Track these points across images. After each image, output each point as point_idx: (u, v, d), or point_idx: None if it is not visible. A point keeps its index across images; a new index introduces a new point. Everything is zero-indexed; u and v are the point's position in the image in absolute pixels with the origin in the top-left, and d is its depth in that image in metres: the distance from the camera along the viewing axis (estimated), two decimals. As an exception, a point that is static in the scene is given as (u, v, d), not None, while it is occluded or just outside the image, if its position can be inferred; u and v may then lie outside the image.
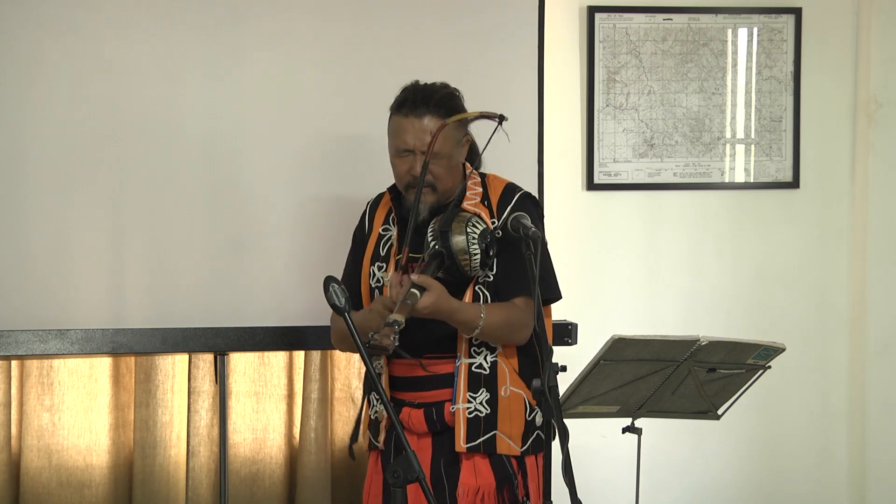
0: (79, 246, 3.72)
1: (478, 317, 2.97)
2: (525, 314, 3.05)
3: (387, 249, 3.18)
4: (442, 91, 3.11)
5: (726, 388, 3.40)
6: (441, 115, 3.04)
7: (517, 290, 3.07)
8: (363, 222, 3.29)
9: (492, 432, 3.06)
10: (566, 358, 3.14)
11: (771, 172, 4.52)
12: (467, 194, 3.13)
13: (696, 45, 4.44)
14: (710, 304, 4.52)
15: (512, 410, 3.09)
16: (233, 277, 3.80)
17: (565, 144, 4.37)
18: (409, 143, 3.04)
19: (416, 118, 3.04)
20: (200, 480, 4.09)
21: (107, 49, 3.72)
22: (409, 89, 3.11)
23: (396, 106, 3.10)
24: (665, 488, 4.49)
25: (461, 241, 2.98)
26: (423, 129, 3.03)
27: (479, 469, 3.08)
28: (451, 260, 2.98)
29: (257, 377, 4.15)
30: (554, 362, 2.83)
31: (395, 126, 3.09)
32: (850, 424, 4.62)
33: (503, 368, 3.09)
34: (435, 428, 3.10)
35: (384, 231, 3.21)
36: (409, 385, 3.12)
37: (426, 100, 3.05)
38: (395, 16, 3.91)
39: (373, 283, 3.18)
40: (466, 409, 3.06)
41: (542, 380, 2.77)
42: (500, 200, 3.14)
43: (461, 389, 3.06)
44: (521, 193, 3.16)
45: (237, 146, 3.81)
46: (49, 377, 4.02)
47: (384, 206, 3.25)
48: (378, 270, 3.17)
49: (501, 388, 3.08)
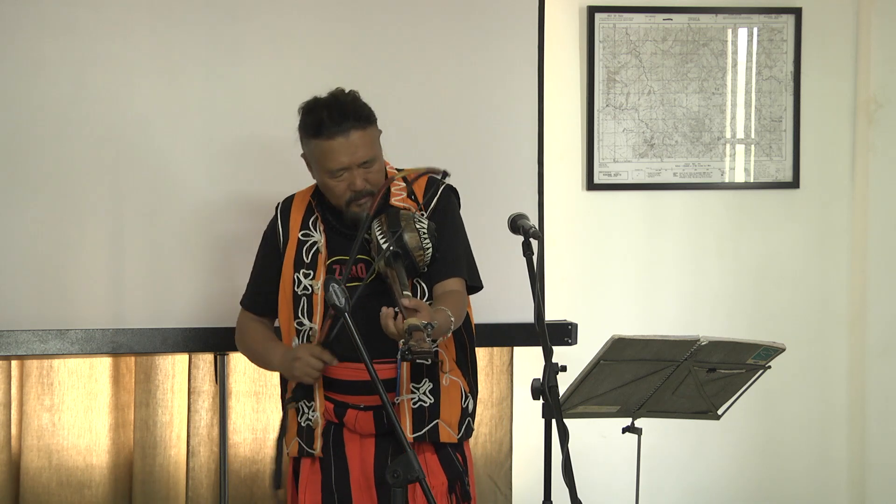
0: (79, 246, 3.72)
1: (448, 320, 2.96)
2: (464, 295, 3.11)
3: (312, 255, 3.14)
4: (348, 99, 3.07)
5: (726, 388, 3.40)
6: (362, 124, 3.03)
7: (448, 273, 3.10)
8: (275, 226, 3.23)
9: (434, 421, 3.09)
10: (566, 358, 3.14)
11: (771, 172, 4.52)
12: (392, 190, 3.13)
13: (696, 45, 4.44)
14: (710, 304, 4.52)
15: (451, 398, 3.12)
16: (233, 277, 3.79)
17: (565, 144, 4.37)
18: (344, 163, 3.03)
19: (344, 137, 3.01)
20: (200, 480, 4.09)
21: (106, 48, 3.73)
22: (317, 109, 3.05)
23: (314, 131, 3.04)
24: (665, 488, 4.49)
25: (414, 238, 3.00)
26: (353, 145, 3.02)
27: (431, 468, 3.10)
28: (407, 258, 2.99)
29: (257, 377, 4.15)
30: (554, 362, 2.84)
31: (321, 150, 3.04)
32: (850, 424, 4.62)
33: (443, 357, 3.12)
34: (383, 429, 3.10)
35: (304, 237, 3.17)
36: (352, 389, 3.09)
37: (344, 115, 3.02)
38: (396, 17, 3.91)
39: (299, 291, 3.13)
40: (411, 400, 3.08)
41: (542, 380, 2.78)
42: (426, 193, 3.15)
43: (404, 380, 3.07)
44: (444, 186, 3.18)
45: (237, 146, 3.81)
46: (49, 377, 4.02)
47: (299, 210, 3.21)
48: (305, 278, 3.13)
49: (442, 377, 3.11)
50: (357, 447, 3.11)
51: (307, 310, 3.12)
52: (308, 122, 3.06)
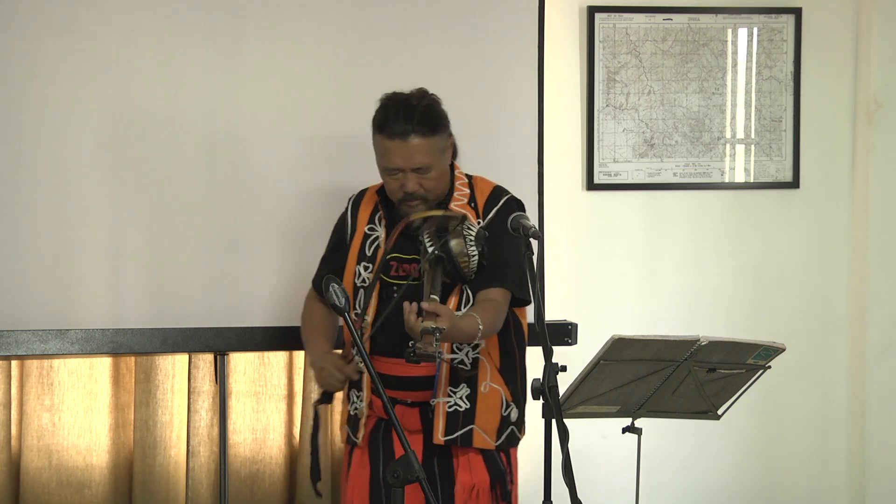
0: (79, 246, 3.72)
1: (476, 327, 3.00)
2: (504, 306, 3.13)
3: (373, 250, 3.22)
4: (421, 104, 3.12)
5: (726, 388, 3.40)
6: (425, 131, 3.08)
7: (492, 281, 3.12)
8: (345, 218, 3.33)
9: (469, 427, 3.12)
10: (566, 358, 3.14)
11: (771, 172, 4.52)
12: (455, 195, 3.20)
13: (696, 45, 4.44)
14: (710, 304, 4.52)
15: (489, 405, 3.15)
16: (233, 277, 3.80)
17: (565, 144, 4.37)
18: (398, 164, 3.10)
19: (402, 140, 3.08)
20: (200, 480, 4.09)
21: (107, 48, 3.72)
22: (389, 106, 3.13)
23: (379, 126, 3.13)
24: (665, 488, 4.49)
25: (459, 244, 3.04)
26: (410, 150, 3.08)
27: (474, 466, 3.15)
28: (451, 264, 3.03)
29: (257, 377, 4.16)
30: (554, 362, 2.84)
31: (381, 147, 3.13)
32: (850, 424, 4.62)
33: (484, 364, 3.16)
34: (429, 426, 3.15)
35: (370, 231, 3.25)
36: (399, 384, 3.15)
37: (408, 118, 3.08)
38: (395, 16, 3.91)
39: (357, 282, 3.22)
40: (446, 404, 3.12)
41: (542, 380, 2.78)
42: (487, 202, 3.21)
43: (442, 384, 3.12)
44: (507, 196, 3.23)
45: (237, 145, 3.81)
46: (49, 377, 4.02)
47: (368, 204, 3.30)
48: (364, 270, 3.22)
49: (482, 383, 3.14)
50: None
51: (364, 301, 3.19)
52: (377, 116, 3.15)
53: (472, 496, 3.14)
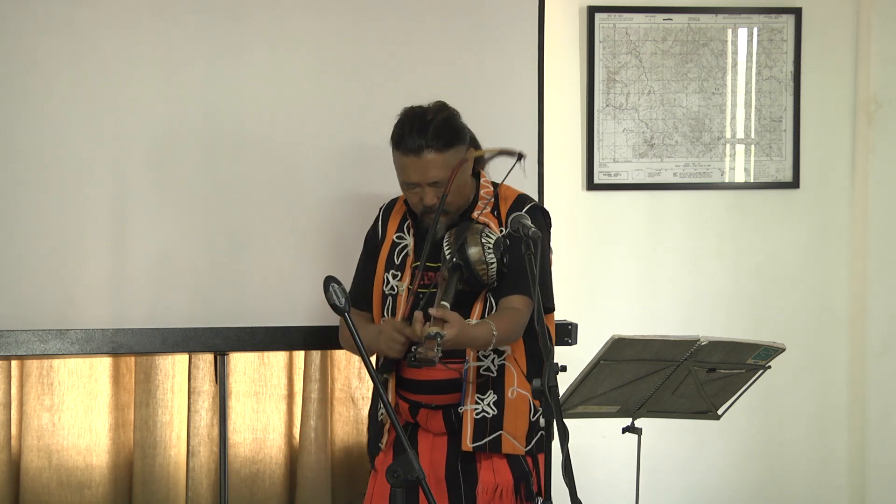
0: (79, 246, 3.72)
1: (490, 334, 3.01)
2: (524, 314, 3.11)
3: (402, 258, 3.23)
4: (437, 119, 3.12)
5: (726, 388, 3.40)
6: (440, 146, 3.08)
7: (514, 289, 3.12)
8: (376, 227, 3.34)
9: (497, 433, 3.13)
10: (566, 358, 3.14)
11: (771, 172, 4.52)
12: (479, 203, 3.20)
13: (696, 45, 4.44)
14: (711, 304, 4.52)
15: (517, 411, 3.15)
16: (233, 277, 3.79)
17: (565, 144, 4.37)
18: (414, 179, 3.11)
19: (416, 156, 3.08)
20: (200, 480, 4.09)
21: (106, 47, 3.72)
22: (405, 121, 3.13)
23: (395, 141, 3.13)
24: (665, 488, 4.49)
25: (477, 252, 3.04)
26: (424, 165, 3.08)
27: (497, 467, 3.16)
28: (469, 271, 3.04)
29: (257, 377, 4.15)
30: (554, 362, 2.84)
31: (399, 162, 3.14)
32: (850, 424, 4.62)
33: (511, 370, 3.16)
34: (453, 428, 3.17)
35: (399, 239, 3.26)
36: (422, 388, 3.17)
37: (422, 133, 3.08)
38: (395, 16, 3.91)
39: (386, 290, 3.23)
40: (474, 411, 3.13)
41: (542, 380, 2.78)
42: (510, 210, 3.20)
43: (470, 391, 3.12)
44: (531, 205, 3.23)
45: (237, 145, 3.80)
46: (49, 377, 4.02)
47: (398, 213, 3.30)
48: (393, 278, 3.23)
49: (508, 389, 3.15)
50: (429, 445, 3.19)
51: (392, 309, 3.19)
52: (394, 131, 3.15)
53: (496, 496, 3.15)
